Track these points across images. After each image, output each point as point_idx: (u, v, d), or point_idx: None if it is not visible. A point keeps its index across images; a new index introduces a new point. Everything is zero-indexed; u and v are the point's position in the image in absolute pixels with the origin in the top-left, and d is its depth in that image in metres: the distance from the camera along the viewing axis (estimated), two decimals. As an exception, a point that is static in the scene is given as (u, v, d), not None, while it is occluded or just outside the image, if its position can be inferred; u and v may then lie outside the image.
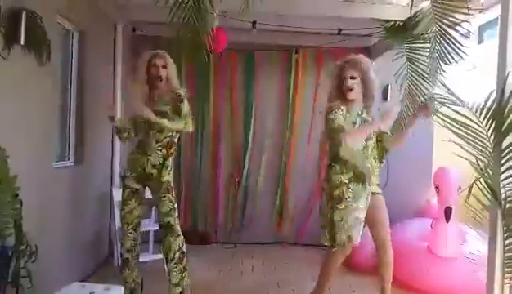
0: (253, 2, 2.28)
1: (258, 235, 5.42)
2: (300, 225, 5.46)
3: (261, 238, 5.42)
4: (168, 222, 3.23)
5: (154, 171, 3.25)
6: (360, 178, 3.02)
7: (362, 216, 3.07)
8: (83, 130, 3.95)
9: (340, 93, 3.11)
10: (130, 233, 3.30)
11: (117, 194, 4.32)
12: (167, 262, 3.26)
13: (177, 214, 3.29)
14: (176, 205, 3.31)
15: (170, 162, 3.32)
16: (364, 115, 3.16)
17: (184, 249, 3.28)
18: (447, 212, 3.95)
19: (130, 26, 4.84)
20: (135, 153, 3.33)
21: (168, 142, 3.29)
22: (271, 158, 5.50)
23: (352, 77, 3.06)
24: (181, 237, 3.28)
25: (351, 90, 3.07)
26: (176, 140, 3.37)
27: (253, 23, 4.32)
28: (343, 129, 2.92)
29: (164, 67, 3.24)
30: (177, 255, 3.23)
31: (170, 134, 3.27)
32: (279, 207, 5.50)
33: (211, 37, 2.57)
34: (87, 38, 3.94)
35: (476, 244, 4.02)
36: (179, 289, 3.23)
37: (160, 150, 3.26)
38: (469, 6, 2.84)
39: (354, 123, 3.08)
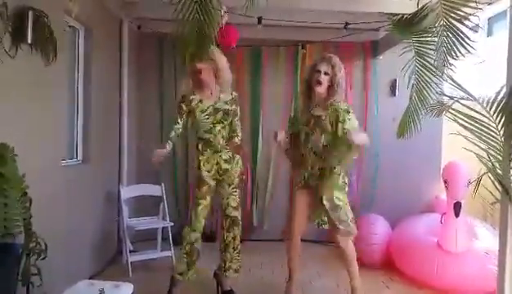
0: (259, -2, 2.26)
1: (267, 232, 5.41)
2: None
3: (269, 235, 5.42)
4: (236, 216, 3.55)
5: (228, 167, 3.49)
6: None
7: None
8: (91, 128, 3.97)
9: (309, 85, 3.32)
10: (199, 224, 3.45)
11: (125, 192, 4.35)
12: (226, 250, 3.56)
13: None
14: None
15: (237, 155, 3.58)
16: (315, 112, 3.29)
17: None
18: (457, 207, 3.93)
19: (136, 23, 4.84)
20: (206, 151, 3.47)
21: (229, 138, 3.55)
22: (280, 154, 5.47)
23: (326, 73, 3.23)
24: (240, 226, 3.62)
25: (320, 84, 3.24)
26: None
27: (259, 18, 4.30)
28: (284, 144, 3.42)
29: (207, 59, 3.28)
30: (239, 245, 3.60)
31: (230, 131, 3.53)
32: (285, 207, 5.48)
33: (218, 33, 2.56)
34: (94, 36, 3.95)
35: (487, 239, 4.00)
36: (237, 275, 3.60)
37: (226, 147, 3.49)
38: (477, -1, 2.80)
39: (307, 123, 3.34)
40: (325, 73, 3.23)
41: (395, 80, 5.22)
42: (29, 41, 2.67)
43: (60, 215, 3.31)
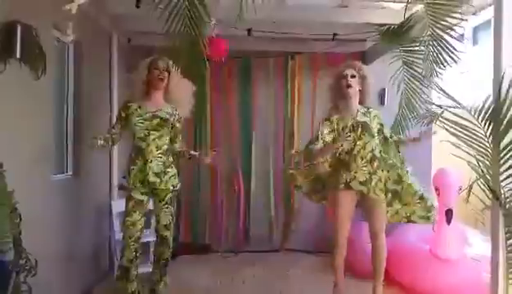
0: (248, 10, 2.28)
1: (259, 243, 5.39)
2: (303, 233, 5.41)
3: (262, 245, 5.40)
4: (165, 236, 3.37)
5: (157, 180, 3.28)
6: None
7: None
8: (81, 141, 3.94)
9: (339, 92, 3.32)
10: (132, 245, 3.30)
11: (116, 206, 4.31)
12: (154, 262, 3.50)
13: (173, 227, 3.41)
14: (174, 218, 3.42)
15: (174, 170, 3.39)
16: (359, 117, 3.29)
17: (169, 258, 3.49)
18: (448, 215, 3.94)
19: (125, 37, 4.84)
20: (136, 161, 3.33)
21: (167, 148, 3.36)
22: (271, 165, 5.48)
23: (353, 76, 3.28)
24: (170, 249, 3.47)
25: (350, 87, 3.26)
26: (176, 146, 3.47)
27: (249, 30, 4.33)
28: (319, 141, 3.25)
29: (166, 70, 3.30)
30: (163, 262, 3.45)
31: (167, 141, 3.33)
32: (281, 216, 5.47)
33: (207, 46, 2.58)
34: (83, 50, 3.94)
35: (479, 245, 4.02)
36: (159, 286, 3.48)
37: (161, 157, 3.29)
38: (462, 9, 2.86)
39: (343, 129, 3.28)
40: (352, 76, 3.29)
41: (384, 89, 5.27)
42: (18, 55, 2.65)
43: (51, 230, 3.26)
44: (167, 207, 3.33)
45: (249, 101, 5.47)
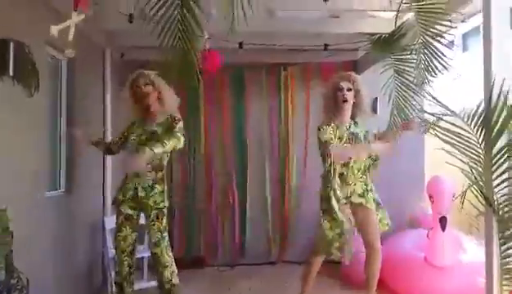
0: (239, 23, 2.31)
1: (256, 256, 5.36)
2: (299, 244, 5.36)
3: (258, 258, 5.36)
4: (155, 253, 3.23)
5: (144, 195, 3.23)
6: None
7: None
8: (74, 158, 3.92)
9: (334, 104, 3.31)
10: (125, 260, 3.26)
11: (109, 222, 4.28)
12: (159, 288, 3.28)
13: (166, 243, 3.24)
14: (165, 233, 3.25)
15: (163, 187, 3.29)
16: (352, 129, 3.28)
17: (174, 281, 3.24)
18: (443, 222, 3.95)
19: (119, 52, 4.86)
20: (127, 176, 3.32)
21: (158, 164, 3.28)
22: (267, 177, 5.47)
23: (349, 89, 3.28)
24: (171, 268, 3.24)
25: (346, 101, 3.23)
26: (164, 163, 3.36)
27: (240, 44, 4.36)
28: (329, 143, 3.14)
29: (148, 84, 3.27)
30: (167, 286, 3.23)
31: (158, 156, 3.21)
32: (277, 227, 5.45)
33: (200, 59, 2.60)
34: (76, 66, 3.94)
35: (474, 251, 4.03)
36: None
37: (150, 172, 3.24)
38: (451, 16, 2.90)
39: (340, 138, 3.26)
40: (349, 90, 3.30)
41: (376, 98, 5.31)
42: (11, 73, 2.65)
43: (44, 247, 3.23)
44: (154, 224, 3.21)
45: (242, 113, 5.48)
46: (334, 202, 3.13)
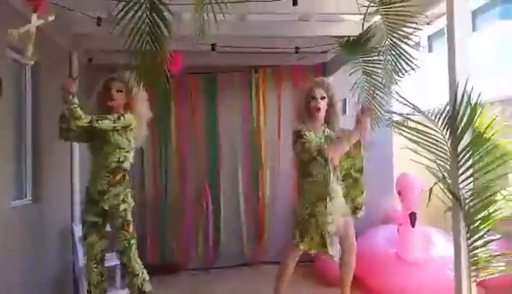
0: (210, 26, 2.30)
1: (230, 258, 5.36)
2: (273, 244, 5.39)
3: (233, 260, 5.36)
4: (122, 262, 3.15)
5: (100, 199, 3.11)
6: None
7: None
8: (41, 166, 3.81)
9: (307, 112, 3.34)
10: (95, 268, 3.18)
11: (78, 230, 4.18)
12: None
13: (134, 251, 3.14)
14: (133, 241, 3.14)
15: (120, 190, 3.13)
16: (326, 133, 3.36)
17: (145, 289, 3.15)
18: (412, 217, 4.05)
19: (86, 56, 4.76)
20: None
21: (115, 167, 3.15)
22: (240, 178, 5.47)
23: (322, 98, 3.33)
24: (141, 275, 3.15)
25: (319, 110, 3.27)
26: (125, 166, 3.21)
27: (213, 45, 4.35)
28: (322, 146, 3.16)
29: (120, 91, 3.19)
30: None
31: (116, 159, 3.13)
32: (251, 229, 5.47)
33: (169, 62, 2.57)
34: (42, 71, 3.83)
35: (443, 245, 4.15)
36: None
37: (107, 176, 3.13)
38: (417, 18, 2.99)
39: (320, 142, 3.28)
40: (322, 98, 3.33)
41: (345, 99, 5.39)
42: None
43: (12, 257, 3.13)
44: (119, 232, 3.10)
45: (214, 115, 5.47)
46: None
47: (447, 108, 2.75)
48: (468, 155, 2.64)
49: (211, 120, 5.47)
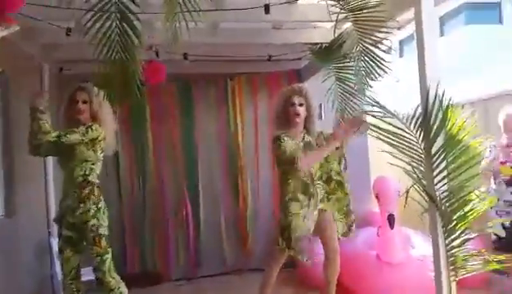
0: (182, 34, 2.28)
1: (212, 267, 5.30)
2: (257, 251, 5.36)
3: (215, 269, 5.30)
4: (97, 277, 3.05)
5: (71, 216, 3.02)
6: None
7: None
8: (13, 179, 3.70)
9: (286, 118, 3.35)
10: (70, 283, 3.09)
11: (56, 244, 4.06)
12: None
13: (108, 266, 3.04)
14: (107, 256, 3.04)
15: (89, 205, 3.02)
16: (306, 139, 3.39)
17: None
18: (390, 219, 4.10)
19: (57, 66, 4.66)
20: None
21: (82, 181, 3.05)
22: (219, 186, 5.44)
23: (301, 105, 3.34)
24: (117, 290, 3.05)
25: (298, 115, 3.28)
26: (92, 179, 3.10)
27: (185, 54, 4.33)
28: (296, 154, 3.16)
29: (85, 102, 3.11)
30: None
31: (82, 172, 3.04)
32: (232, 237, 5.42)
33: (141, 71, 2.54)
34: (10, 81, 3.73)
35: (422, 246, 4.21)
36: None
37: (75, 191, 3.04)
38: (387, 24, 3.04)
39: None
40: (301, 105, 3.33)
41: (320, 104, 5.44)
42: None
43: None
44: (92, 248, 3.00)
45: (191, 124, 5.42)
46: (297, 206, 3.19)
47: (419, 110, 2.79)
48: (442, 157, 2.68)
49: (187, 129, 5.41)
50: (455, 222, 2.67)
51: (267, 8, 3.36)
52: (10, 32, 2.40)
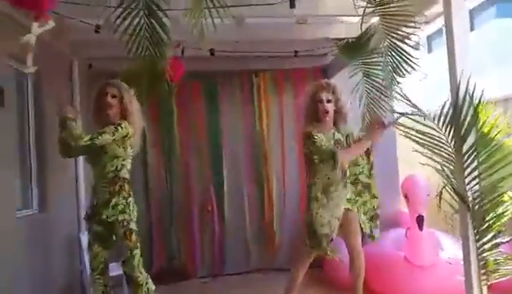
0: (208, 31, 2.29)
1: (238, 264, 5.30)
2: (282, 251, 5.33)
3: (241, 267, 5.30)
4: (125, 272, 3.08)
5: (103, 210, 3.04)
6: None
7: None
8: (46, 175, 3.80)
9: (315, 115, 3.28)
10: (98, 278, 3.14)
11: (85, 239, 4.15)
12: None
13: (137, 261, 3.07)
14: (136, 251, 3.06)
15: (119, 200, 3.05)
16: (336, 136, 3.32)
17: None
18: (419, 221, 3.97)
19: (86, 63, 4.76)
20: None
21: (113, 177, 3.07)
22: (244, 182, 5.44)
23: (329, 101, 3.25)
24: (146, 286, 3.08)
25: (327, 112, 3.23)
26: (123, 175, 3.11)
27: (211, 50, 4.34)
28: (334, 149, 3.12)
29: (114, 96, 3.12)
30: None
31: (113, 168, 3.06)
32: (257, 235, 5.41)
33: (169, 67, 2.56)
34: (43, 79, 3.83)
35: (452, 249, 4.09)
36: None
37: (105, 186, 3.07)
38: (415, 19, 2.97)
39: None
40: (328, 101, 3.27)
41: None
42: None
43: (19, 268, 3.11)
44: (122, 242, 3.02)
45: (216, 120, 5.44)
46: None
47: (448, 108, 2.70)
48: (473, 156, 2.59)
49: (213, 125, 5.43)
50: (486, 224, 2.58)
51: (292, 2, 3.31)
52: (45, 29, 2.45)
